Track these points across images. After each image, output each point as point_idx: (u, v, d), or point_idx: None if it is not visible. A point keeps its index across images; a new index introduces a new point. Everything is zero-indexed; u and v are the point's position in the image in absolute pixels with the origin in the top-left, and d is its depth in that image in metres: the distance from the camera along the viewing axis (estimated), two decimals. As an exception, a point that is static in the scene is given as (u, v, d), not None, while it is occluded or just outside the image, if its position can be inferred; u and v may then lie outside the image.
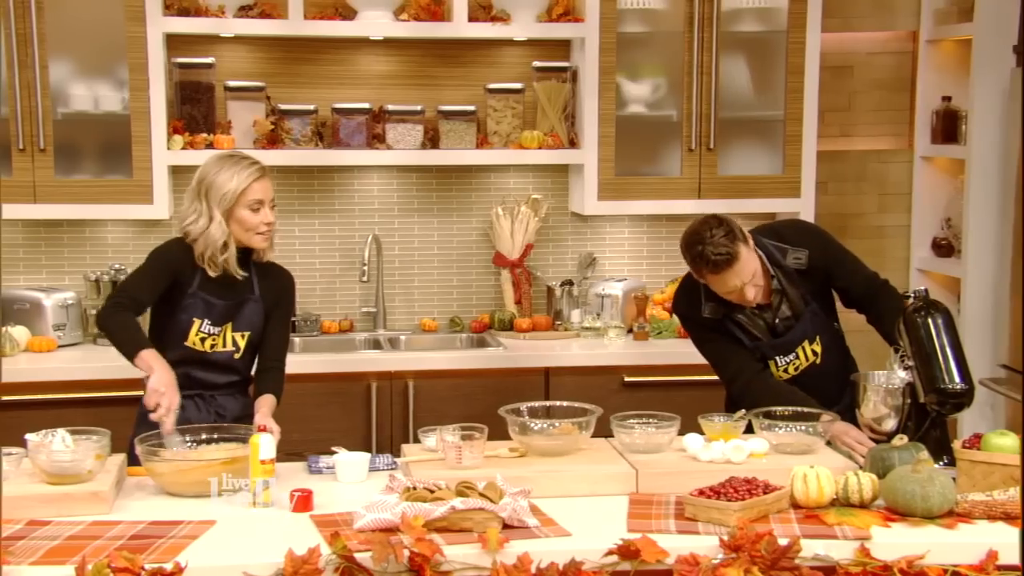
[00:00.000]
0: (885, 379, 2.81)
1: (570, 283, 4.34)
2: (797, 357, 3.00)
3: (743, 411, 2.80)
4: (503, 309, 4.32)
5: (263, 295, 3.00)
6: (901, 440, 2.54)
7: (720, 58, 4.16)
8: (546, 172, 4.39)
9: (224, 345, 2.94)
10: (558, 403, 2.87)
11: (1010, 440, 2.43)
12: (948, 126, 4.42)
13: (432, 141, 4.19)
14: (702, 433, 2.76)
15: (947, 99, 4.43)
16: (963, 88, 4.35)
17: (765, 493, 2.37)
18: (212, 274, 2.91)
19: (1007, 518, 2.29)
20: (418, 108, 4.16)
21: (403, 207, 4.35)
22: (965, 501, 2.33)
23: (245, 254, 2.96)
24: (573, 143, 4.24)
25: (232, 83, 4.13)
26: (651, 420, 2.76)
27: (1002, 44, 4.16)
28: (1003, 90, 4.17)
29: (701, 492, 2.37)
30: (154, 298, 2.90)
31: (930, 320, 2.69)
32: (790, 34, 4.19)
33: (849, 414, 2.84)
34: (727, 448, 2.64)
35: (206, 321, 2.93)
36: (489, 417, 2.77)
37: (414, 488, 2.37)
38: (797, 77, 4.20)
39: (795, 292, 3.01)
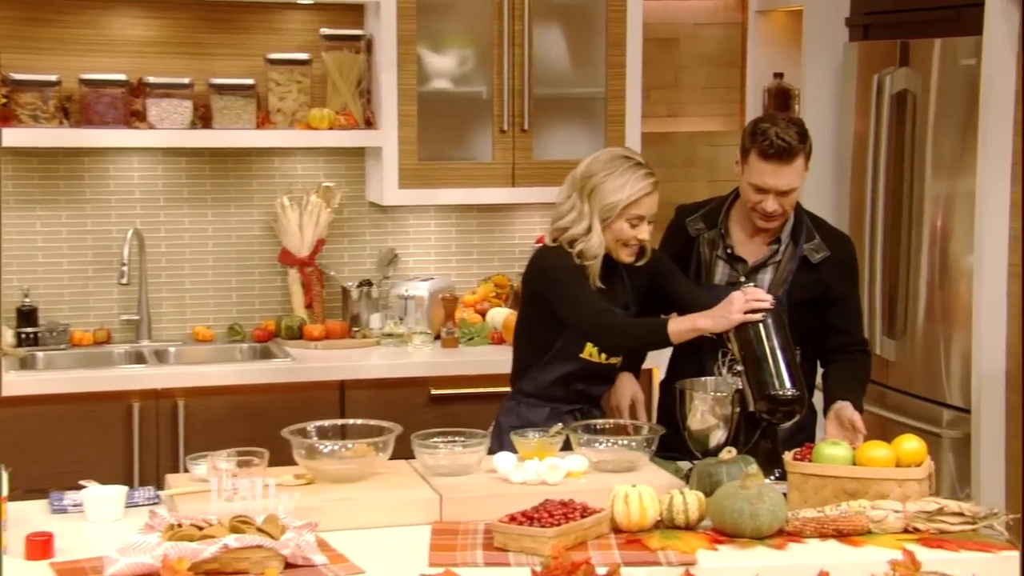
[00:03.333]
0: (712, 386, 2.90)
1: (368, 283, 4.32)
2: None
3: (559, 425, 2.84)
4: (291, 315, 4.27)
5: (634, 292, 3.11)
6: (729, 453, 2.62)
7: (533, 28, 4.21)
8: (339, 156, 4.35)
9: (611, 357, 3.09)
10: (352, 421, 2.85)
11: (842, 450, 2.55)
12: (780, 105, 4.60)
13: (203, 119, 4.10)
14: (515, 451, 2.78)
15: (779, 76, 4.62)
16: (796, 64, 4.54)
17: (583, 517, 2.41)
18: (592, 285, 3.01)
19: (839, 536, 2.40)
20: (185, 81, 4.07)
21: (170, 197, 4.24)
22: (796, 519, 2.42)
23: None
24: (369, 123, 4.21)
25: (-46, 48, 3.93)
26: (458, 438, 2.77)
27: (834, 16, 4.36)
28: (836, 66, 4.37)
29: (512, 518, 2.39)
30: None
31: (763, 315, 2.79)
32: (610, 2, 4.28)
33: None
34: (542, 468, 2.67)
35: None
36: (275, 440, 2.73)
37: (179, 525, 2.31)
38: (618, 50, 4.29)
39: (784, 274, 3.10)
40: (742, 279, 3.12)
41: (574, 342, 3.06)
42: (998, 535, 2.40)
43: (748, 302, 2.79)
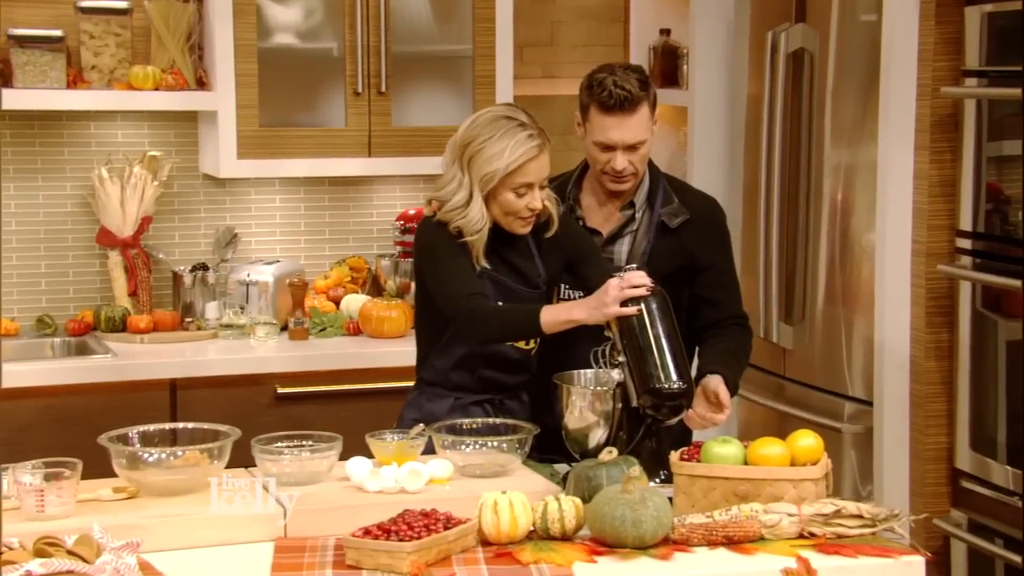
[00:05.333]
0: (592, 380, 2.93)
1: (203, 267, 4.30)
2: None
3: (421, 426, 2.84)
4: (112, 304, 4.23)
5: (547, 269, 3.09)
6: (610, 454, 2.65)
7: (391, -25, 4.22)
8: (167, 121, 4.32)
9: (528, 342, 3.06)
10: (181, 425, 2.83)
11: (733, 448, 2.60)
12: (668, 66, 4.67)
13: (3, 77, 4.04)
14: (371, 456, 2.78)
15: (665, 32, 4.68)
16: (683, 19, 4.61)
17: (447, 528, 2.42)
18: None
19: (729, 543, 2.44)
20: (-21, 31, 4.02)
21: (-35, 168, 4.17)
22: (682, 525, 2.46)
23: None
24: (202, 83, 4.18)
25: None
26: (305, 443, 2.76)
27: (724, -37, 4.45)
28: (727, 22, 4.46)
29: (367, 532, 2.39)
30: None
31: (641, 305, 2.82)
32: (477, -53, 4.32)
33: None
34: (400, 474, 2.67)
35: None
36: (93, 449, 2.70)
37: (-27, 551, 2.26)
38: (487, 2, 4.32)
39: (643, 243, 3.14)
40: (619, 257, 3.16)
41: None
42: (899, 538, 2.48)
43: (623, 290, 2.81)
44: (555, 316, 2.90)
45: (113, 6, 4.12)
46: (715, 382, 3.01)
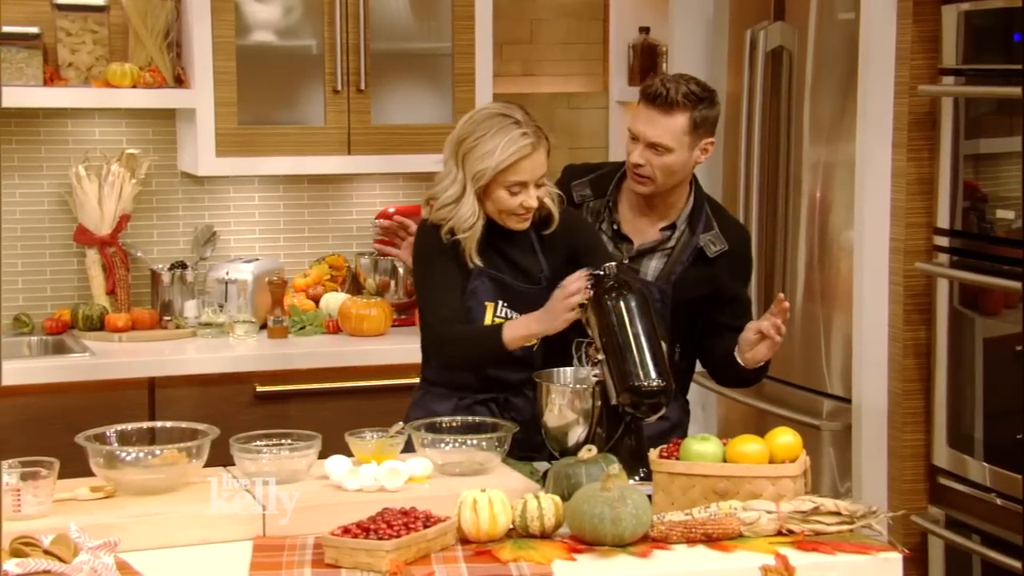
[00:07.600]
0: (572, 377, 2.93)
1: (182, 266, 4.29)
2: None
3: (400, 424, 2.84)
4: (90, 302, 4.22)
5: (550, 265, 3.06)
6: (589, 452, 2.65)
7: (370, -29, 4.22)
8: (145, 119, 4.31)
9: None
10: (160, 424, 2.82)
11: (712, 446, 2.60)
12: (647, 64, 4.68)
13: (-20, 75, 4.02)
14: (350, 454, 2.78)
15: (645, 30, 4.70)
16: (663, 17, 4.62)
17: (426, 527, 2.42)
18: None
19: (708, 540, 2.45)
20: (-43, 29, 3.99)
21: (-58, 165, 4.15)
22: (661, 523, 2.47)
23: None
24: (180, 81, 4.18)
25: None
26: (285, 441, 2.76)
27: (703, -39, 4.47)
28: (707, 20, 4.47)
29: (346, 530, 2.39)
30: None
31: (622, 303, 2.81)
32: (456, -55, 4.32)
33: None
34: (380, 472, 2.67)
35: (502, 304, 3.02)
36: (71, 448, 2.69)
37: (-51, 552, 2.24)
38: (466, -1, 4.33)
39: (675, 264, 3.15)
40: (625, 261, 3.17)
41: (472, 321, 3.06)
42: (877, 535, 2.49)
43: (566, 299, 2.85)
44: (515, 332, 2.96)
45: (90, 3, 4.11)
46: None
